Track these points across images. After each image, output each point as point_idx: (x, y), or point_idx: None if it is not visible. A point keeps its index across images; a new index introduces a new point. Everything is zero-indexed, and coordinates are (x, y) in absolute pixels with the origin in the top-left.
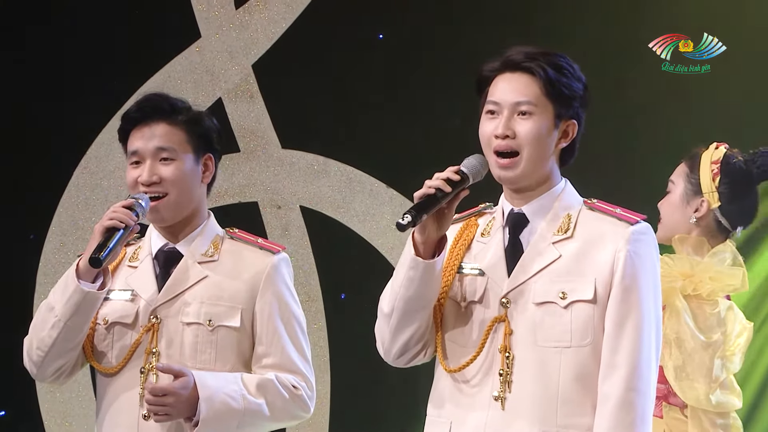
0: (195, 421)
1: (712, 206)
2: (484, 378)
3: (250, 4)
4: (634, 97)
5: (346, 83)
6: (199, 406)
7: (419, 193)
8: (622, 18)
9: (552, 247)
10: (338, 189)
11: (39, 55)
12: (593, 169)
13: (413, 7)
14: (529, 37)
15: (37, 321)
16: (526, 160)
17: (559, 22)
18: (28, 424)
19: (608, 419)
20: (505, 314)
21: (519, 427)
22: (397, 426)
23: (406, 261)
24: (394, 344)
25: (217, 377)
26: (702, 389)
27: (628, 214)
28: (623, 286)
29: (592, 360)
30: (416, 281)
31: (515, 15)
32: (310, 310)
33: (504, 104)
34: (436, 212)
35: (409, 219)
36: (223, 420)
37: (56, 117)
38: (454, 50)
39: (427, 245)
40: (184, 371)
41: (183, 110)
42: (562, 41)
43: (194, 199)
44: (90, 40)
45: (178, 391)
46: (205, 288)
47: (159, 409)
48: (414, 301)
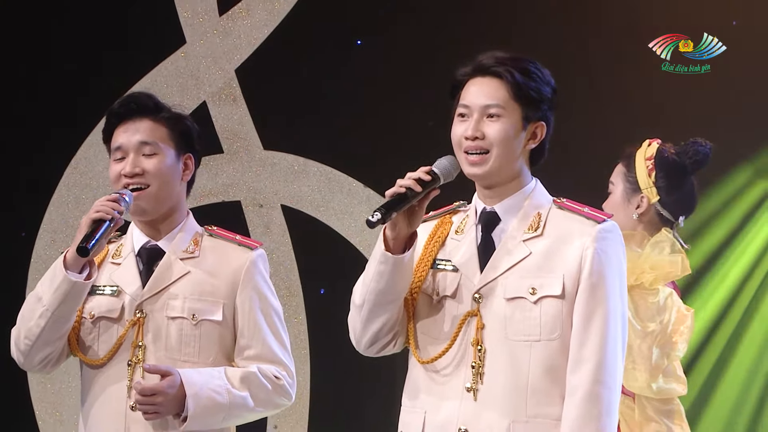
0: (183, 417)
1: (651, 201)
2: (456, 370)
3: (233, 11)
4: (634, 97)
5: (325, 87)
6: (186, 403)
7: (390, 192)
8: (621, 18)
9: (522, 245)
10: (317, 189)
11: (32, 59)
12: (593, 168)
13: (389, 15)
14: (509, 42)
15: (24, 311)
16: (494, 158)
17: (533, 23)
18: (21, 415)
19: (576, 410)
20: (477, 309)
21: (490, 417)
22: (374, 414)
23: (377, 255)
24: (365, 334)
25: (202, 373)
26: (643, 377)
27: (596, 212)
28: (590, 282)
29: (560, 353)
30: (386, 275)
31: (490, 21)
32: (291, 304)
33: (474, 107)
34: (407, 210)
35: (379, 216)
36: (210, 414)
37: (47, 120)
38: (428, 56)
39: (398, 241)
40: (171, 370)
41: (166, 108)
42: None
43: (174, 194)
44: (80, 45)
45: (165, 390)
46: (188, 283)
47: (148, 408)
48: (384, 294)
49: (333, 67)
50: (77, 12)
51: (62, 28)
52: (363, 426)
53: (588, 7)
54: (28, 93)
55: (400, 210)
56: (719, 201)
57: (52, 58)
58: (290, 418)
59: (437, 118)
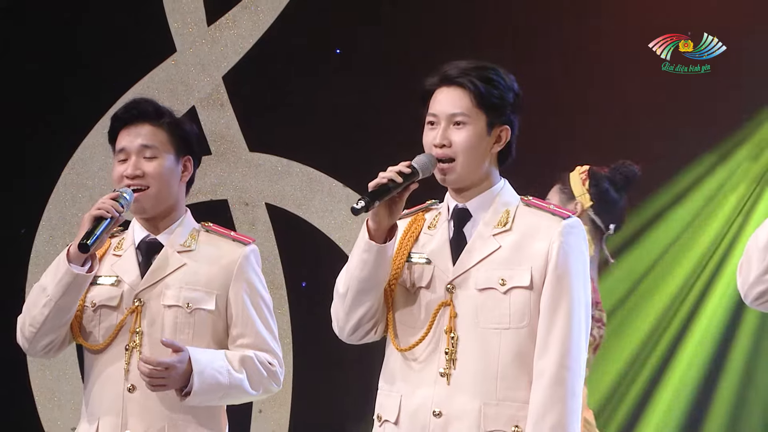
0: (186, 392)
1: (585, 206)
2: (431, 356)
3: (220, 22)
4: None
5: (307, 93)
6: (192, 379)
7: (373, 183)
8: (622, 18)
9: (493, 239)
10: (300, 188)
11: (33, 66)
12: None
13: (365, 26)
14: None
15: (30, 301)
16: (461, 165)
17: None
18: (20, 399)
19: (542, 393)
20: (451, 299)
21: (462, 400)
22: (353, 399)
23: (361, 245)
24: (348, 322)
25: (207, 353)
26: None
27: (561, 209)
28: (556, 274)
29: (528, 340)
30: (369, 263)
31: (457, 27)
32: (275, 297)
33: (441, 116)
34: (388, 201)
35: (363, 204)
36: (211, 392)
37: (46, 124)
38: (401, 64)
39: (380, 231)
40: (182, 347)
41: (167, 114)
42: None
43: (172, 194)
44: (78, 54)
45: (176, 364)
46: (183, 274)
47: (158, 380)
48: (366, 281)
49: (314, 74)
50: (78, 24)
51: (64, 40)
52: (342, 410)
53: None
54: (30, 98)
55: (382, 200)
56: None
57: (53, 66)
58: (274, 402)
59: (410, 122)
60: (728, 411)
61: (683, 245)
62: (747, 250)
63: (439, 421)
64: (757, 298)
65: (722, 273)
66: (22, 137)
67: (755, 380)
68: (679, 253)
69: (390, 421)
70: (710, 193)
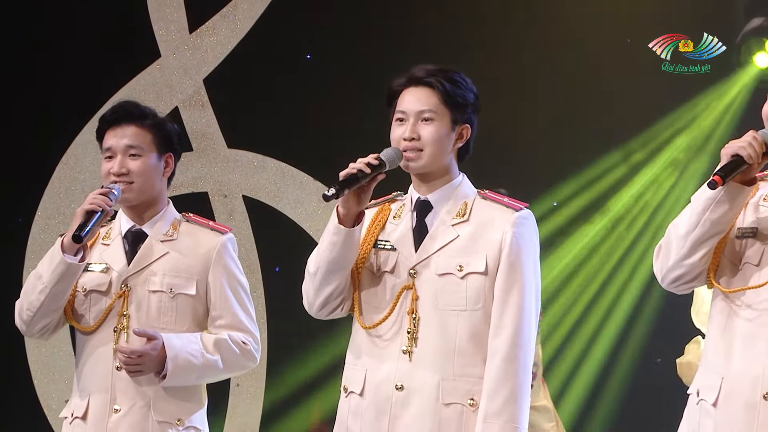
0: (162, 375)
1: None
2: (394, 335)
3: (201, 30)
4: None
5: (280, 95)
6: (166, 364)
7: (344, 173)
8: (621, 18)
9: (452, 229)
10: (273, 181)
11: (30, 70)
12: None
13: (332, 35)
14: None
15: (27, 287)
16: (427, 156)
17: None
18: (19, 374)
19: (496, 369)
20: (413, 283)
21: (422, 375)
22: (322, 372)
23: (331, 228)
24: (317, 299)
25: (181, 338)
26: None
27: (514, 202)
28: (509, 261)
29: (483, 321)
30: (338, 245)
31: (423, 34)
32: (251, 280)
33: (410, 113)
34: (357, 189)
35: (333, 192)
36: (185, 373)
37: (41, 122)
38: (365, 69)
39: (349, 217)
40: (156, 335)
41: (150, 116)
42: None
43: (155, 188)
44: (71, 59)
45: (149, 352)
46: (166, 262)
47: (133, 367)
48: (335, 262)
49: (286, 78)
50: (75, 33)
51: (60, 47)
52: (312, 382)
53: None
54: (28, 99)
55: (351, 188)
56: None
57: (50, 70)
58: (251, 378)
59: (375, 121)
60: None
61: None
62: (667, 237)
63: (401, 394)
64: (673, 281)
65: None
66: (21, 136)
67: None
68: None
69: (355, 393)
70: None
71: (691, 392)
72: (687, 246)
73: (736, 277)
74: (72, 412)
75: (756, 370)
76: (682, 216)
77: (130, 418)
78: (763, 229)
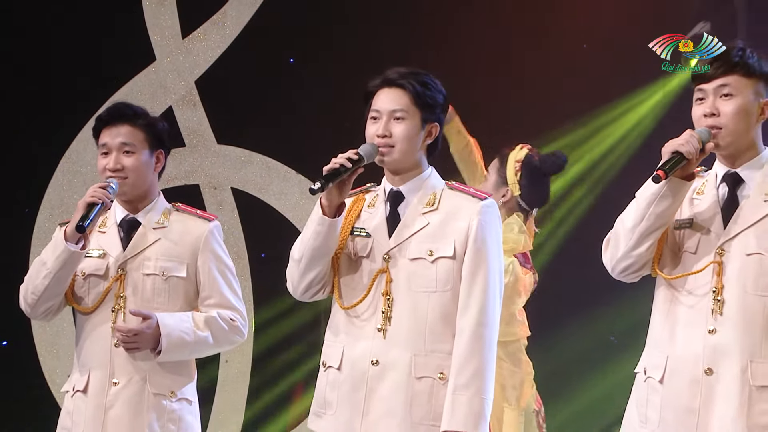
0: (157, 351)
1: (514, 194)
2: (371, 315)
3: (193, 35)
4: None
5: (266, 95)
6: (161, 341)
7: (327, 168)
8: (622, 17)
9: (422, 217)
10: (260, 175)
11: (34, 69)
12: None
13: (314, 40)
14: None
15: (31, 273)
16: (398, 152)
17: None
18: (25, 351)
19: (463, 346)
20: (387, 267)
21: (396, 352)
22: (303, 349)
23: (315, 219)
24: (301, 283)
25: (174, 317)
26: None
27: (479, 192)
28: (475, 246)
29: (451, 302)
30: (322, 234)
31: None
32: (239, 266)
33: (383, 111)
34: (339, 182)
35: (319, 186)
36: (179, 349)
37: (47, 122)
38: (342, 71)
39: (331, 208)
40: (150, 314)
41: (142, 115)
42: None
43: (147, 182)
44: (73, 60)
45: (145, 330)
46: (159, 247)
47: (130, 344)
48: (318, 249)
49: (272, 79)
50: (78, 40)
51: (64, 54)
52: (294, 358)
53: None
54: (35, 100)
55: (335, 181)
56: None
57: (56, 72)
58: (238, 354)
59: (352, 119)
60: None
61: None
62: (615, 230)
63: (376, 368)
64: (622, 270)
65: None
66: (27, 133)
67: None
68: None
69: (333, 367)
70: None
71: (638, 371)
72: (634, 238)
73: (676, 265)
74: (73, 386)
75: (697, 349)
76: (628, 210)
77: (127, 391)
78: (698, 220)
